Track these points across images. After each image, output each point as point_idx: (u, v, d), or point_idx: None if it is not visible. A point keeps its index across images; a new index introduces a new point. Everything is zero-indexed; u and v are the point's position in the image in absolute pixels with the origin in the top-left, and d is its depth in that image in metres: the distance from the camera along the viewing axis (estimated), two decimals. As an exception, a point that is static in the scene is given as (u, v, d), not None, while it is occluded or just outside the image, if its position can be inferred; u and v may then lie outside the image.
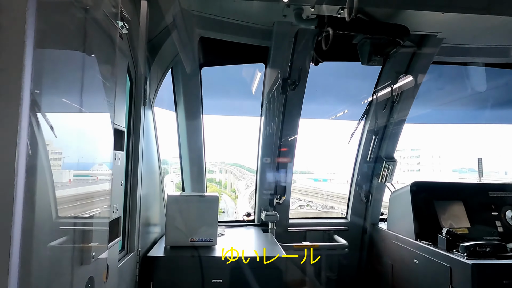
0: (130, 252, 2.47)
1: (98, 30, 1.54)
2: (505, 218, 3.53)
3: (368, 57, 3.36)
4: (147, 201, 2.87)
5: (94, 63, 1.34)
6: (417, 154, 39.71)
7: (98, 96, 1.30)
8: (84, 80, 1.17)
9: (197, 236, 2.96)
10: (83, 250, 1.14)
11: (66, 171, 1.10)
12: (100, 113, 1.31)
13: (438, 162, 37.65)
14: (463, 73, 4.35)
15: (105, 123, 1.44)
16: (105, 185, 1.42)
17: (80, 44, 1.32)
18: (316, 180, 33.82)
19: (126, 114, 2.47)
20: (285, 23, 3.17)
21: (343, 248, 3.99)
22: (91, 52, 1.31)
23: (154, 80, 2.88)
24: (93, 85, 1.29)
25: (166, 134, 3.89)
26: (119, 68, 1.75)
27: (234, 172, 23.60)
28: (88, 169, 1.24)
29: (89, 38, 1.34)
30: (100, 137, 1.32)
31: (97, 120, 1.27)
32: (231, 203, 20.64)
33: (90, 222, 1.21)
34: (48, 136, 0.97)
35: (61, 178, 1.07)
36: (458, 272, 2.72)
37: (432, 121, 5.69)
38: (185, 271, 2.70)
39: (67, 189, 1.11)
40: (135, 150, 2.51)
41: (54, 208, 1.03)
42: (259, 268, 2.73)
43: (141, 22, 2.45)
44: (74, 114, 1.12)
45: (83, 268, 1.15)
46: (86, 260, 1.16)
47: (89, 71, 1.28)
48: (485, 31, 3.36)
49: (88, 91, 1.21)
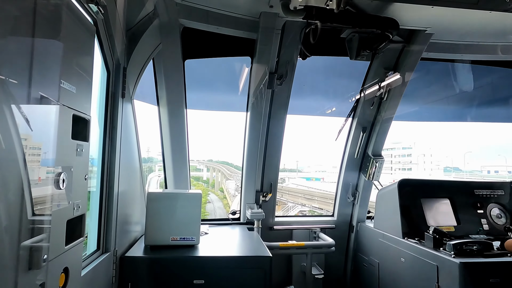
0: (105, 252, 2.34)
1: (65, 11, 1.41)
2: (490, 216, 3.54)
3: (357, 52, 3.30)
4: (126, 199, 2.74)
5: (54, 44, 1.21)
6: (409, 152, 40.33)
7: (52, 78, 1.17)
8: (34, 58, 1.03)
9: (179, 235, 2.84)
10: (31, 253, 1.02)
11: (6, 161, 0.96)
12: (52, 96, 1.16)
13: (429, 161, 38.35)
14: (451, 70, 4.34)
15: (61, 108, 1.30)
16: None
17: (44, 22, 1.18)
18: (308, 179, 33.81)
19: (101, 104, 2.34)
20: (272, 14, 3.07)
21: (330, 247, 3.94)
22: (53, 31, 1.18)
23: (134, 71, 2.74)
24: (46, 65, 1.16)
25: (149, 130, 3.75)
26: (85, 51, 1.61)
27: (222, 170, 23.23)
28: (33, 160, 1.08)
29: (54, 17, 1.21)
30: (50, 123, 1.17)
31: (47, 104, 1.12)
32: (218, 203, 20.20)
33: (41, 220, 1.08)
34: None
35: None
36: (445, 270, 2.68)
37: (421, 119, 5.69)
38: (165, 271, 2.58)
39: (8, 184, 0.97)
40: (112, 144, 2.38)
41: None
42: (243, 268, 2.66)
43: (119, 8, 2.31)
44: (18, 95, 0.98)
45: (32, 274, 1.03)
46: (36, 265, 1.03)
47: (44, 50, 1.14)
48: (473, 28, 3.34)
49: (41, 71, 1.08)
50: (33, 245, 1.02)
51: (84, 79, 1.53)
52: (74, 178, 1.44)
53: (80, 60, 1.53)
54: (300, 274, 4.08)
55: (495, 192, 3.70)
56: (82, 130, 1.52)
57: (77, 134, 1.48)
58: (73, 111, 1.44)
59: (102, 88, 2.35)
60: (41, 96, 1.08)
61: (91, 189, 2.35)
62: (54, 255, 1.27)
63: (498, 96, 4.71)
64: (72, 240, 1.45)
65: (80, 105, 1.48)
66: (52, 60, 1.21)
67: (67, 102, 1.37)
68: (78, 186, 1.49)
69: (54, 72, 1.22)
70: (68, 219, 1.43)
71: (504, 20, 3.12)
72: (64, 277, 1.36)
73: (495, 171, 32.65)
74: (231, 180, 20.53)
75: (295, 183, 29.54)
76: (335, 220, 4.50)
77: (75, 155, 1.45)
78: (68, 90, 1.36)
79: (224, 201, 20.74)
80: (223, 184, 22.61)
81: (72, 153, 1.44)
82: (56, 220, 1.29)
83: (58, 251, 1.35)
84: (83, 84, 1.51)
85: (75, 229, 1.47)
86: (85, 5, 1.77)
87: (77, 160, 1.47)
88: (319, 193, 17.20)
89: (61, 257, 1.34)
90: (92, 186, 2.35)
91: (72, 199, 1.42)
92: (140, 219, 3.19)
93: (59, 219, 1.34)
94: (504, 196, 3.69)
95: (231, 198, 17.16)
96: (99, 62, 2.28)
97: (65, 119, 1.38)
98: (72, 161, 1.45)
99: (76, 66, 1.45)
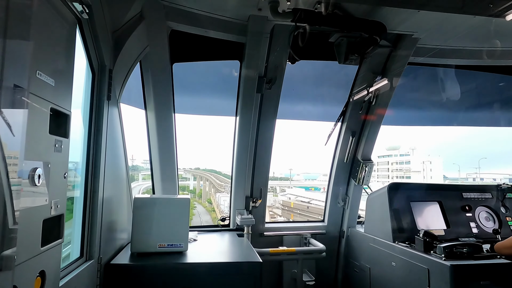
0: (89, 259, 2.25)
1: (46, 6, 1.36)
2: (479, 219, 3.56)
3: (345, 56, 3.32)
4: (112, 204, 2.66)
5: (29, 34, 1.15)
6: (407, 159, 40.33)
7: (26, 67, 1.11)
8: (7, 47, 0.98)
9: (167, 242, 2.77)
10: (1, 253, 0.95)
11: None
12: (26, 86, 1.10)
13: (429, 168, 38.39)
14: (438, 76, 4.41)
15: (35, 99, 1.24)
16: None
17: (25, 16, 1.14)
18: (307, 188, 32.88)
19: (85, 106, 2.27)
20: (261, 17, 3.06)
21: (321, 252, 3.90)
22: (28, 23, 1.13)
23: (120, 74, 2.68)
24: (20, 54, 1.10)
25: (135, 134, 3.68)
26: (66, 46, 1.56)
27: (210, 179, 22.38)
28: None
29: (31, 9, 1.17)
30: (21, 114, 1.10)
31: (20, 94, 1.06)
32: (206, 217, 19.35)
33: (12, 219, 1.01)
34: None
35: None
36: (436, 273, 2.67)
37: (409, 123, 5.76)
38: (153, 279, 2.50)
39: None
40: (97, 147, 2.31)
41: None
42: (233, 274, 2.60)
43: (104, 9, 2.27)
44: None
45: (1, 275, 0.95)
46: (5, 266, 0.96)
47: (19, 39, 1.09)
48: (458, 32, 3.40)
49: (14, 60, 1.02)
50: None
51: (64, 73, 1.48)
52: (52, 175, 1.37)
53: (60, 54, 1.48)
54: (291, 281, 4.02)
55: (483, 195, 3.73)
56: (61, 125, 1.46)
57: (56, 129, 1.42)
58: (51, 104, 1.38)
59: (87, 90, 2.29)
60: (14, 85, 1.03)
61: (75, 195, 2.27)
62: (27, 257, 1.20)
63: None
64: (50, 241, 1.38)
65: (59, 99, 1.42)
66: (26, 49, 1.15)
67: (43, 94, 1.31)
68: (57, 183, 1.43)
69: (28, 61, 1.16)
70: (44, 218, 1.36)
71: (488, 25, 3.19)
72: (40, 281, 1.28)
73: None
74: (223, 193, 19.05)
75: (292, 194, 27.27)
76: (326, 226, 4.47)
77: (53, 151, 1.39)
78: (45, 82, 1.30)
79: (212, 214, 19.87)
80: (211, 195, 21.77)
81: (50, 148, 1.38)
82: (29, 218, 1.22)
83: (32, 252, 1.28)
84: (62, 78, 1.46)
85: (52, 229, 1.40)
86: (68, 3, 1.72)
87: (55, 156, 1.40)
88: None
89: (36, 259, 1.26)
90: (76, 191, 2.28)
91: (50, 198, 1.35)
92: (126, 226, 3.10)
93: (34, 218, 1.27)
94: (492, 199, 3.72)
95: (221, 212, 15.78)
96: (84, 63, 2.22)
97: (41, 112, 1.32)
98: (50, 157, 1.39)
99: (55, 60, 1.40)
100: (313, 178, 41.44)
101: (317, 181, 38.46)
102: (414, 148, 42.24)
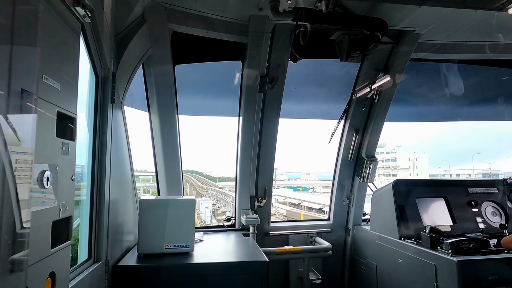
0: (97, 261, 2.27)
1: (50, 10, 1.38)
2: (485, 214, 3.54)
3: (347, 54, 3.32)
4: (118, 206, 2.67)
5: (36, 40, 1.17)
6: (393, 157, 40.16)
7: (33, 72, 1.13)
8: (14, 52, 0.99)
9: (173, 243, 2.78)
10: (13, 255, 0.96)
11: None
12: (34, 90, 1.12)
13: (415, 166, 38.28)
14: (441, 71, 4.38)
15: (43, 103, 1.25)
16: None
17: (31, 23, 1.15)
18: (295, 189, 32.46)
19: (90, 109, 2.29)
20: (261, 17, 3.07)
21: (327, 251, 3.90)
22: (34, 29, 1.15)
23: (123, 77, 2.70)
24: (26, 59, 1.12)
25: (138, 137, 3.69)
26: (70, 50, 1.58)
27: (191, 181, 21.01)
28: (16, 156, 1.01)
29: (37, 15, 1.18)
30: (30, 118, 1.12)
31: (28, 98, 1.08)
32: None
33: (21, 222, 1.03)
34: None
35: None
36: (443, 269, 2.66)
37: (411, 119, 5.73)
38: (160, 280, 2.51)
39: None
40: (102, 150, 2.33)
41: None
42: (239, 273, 2.60)
43: (106, 13, 2.28)
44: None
45: (14, 277, 0.97)
46: (18, 267, 0.98)
47: (26, 45, 1.11)
48: (460, 27, 3.38)
49: (21, 65, 1.03)
50: (14, 248, 0.97)
51: (69, 77, 1.50)
52: (60, 177, 1.39)
53: (65, 58, 1.49)
54: (298, 280, 4.02)
55: (489, 190, 3.71)
56: (68, 128, 1.48)
57: (63, 132, 1.44)
58: (57, 108, 1.40)
59: (91, 93, 2.31)
60: (21, 90, 1.04)
61: (81, 198, 2.29)
62: (38, 258, 1.22)
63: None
64: (59, 243, 1.40)
65: (65, 103, 1.44)
66: (33, 55, 1.17)
67: (50, 98, 1.33)
68: (64, 186, 1.44)
69: (35, 66, 1.18)
70: (53, 221, 1.38)
71: (490, 19, 3.17)
72: (51, 283, 1.30)
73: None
74: (204, 197, 17.00)
75: (279, 195, 27.03)
76: (331, 224, 4.47)
77: (60, 154, 1.41)
78: (52, 86, 1.32)
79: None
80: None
81: (57, 151, 1.40)
82: (39, 220, 1.23)
83: (42, 254, 1.29)
84: (68, 82, 1.48)
85: (61, 231, 1.41)
86: (71, 7, 1.74)
87: (62, 159, 1.42)
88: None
89: (46, 261, 1.28)
90: (82, 194, 2.29)
91: (58, 200, 1.36)
92: (133, 228, 3.12)
93: (43, 220, 1.28)
94: (498, 194, 3.70)
95: (201, 222, 13.84)
96: (88, 67, 2.24)
97: (48, 115, 1.34)
98: (57, 160, 1.41)
99: (60, 64, 1.42)
100: (296, 177, 40.97)
101: (300, 180, 38.04)
102: (400, 145, 41.87)
